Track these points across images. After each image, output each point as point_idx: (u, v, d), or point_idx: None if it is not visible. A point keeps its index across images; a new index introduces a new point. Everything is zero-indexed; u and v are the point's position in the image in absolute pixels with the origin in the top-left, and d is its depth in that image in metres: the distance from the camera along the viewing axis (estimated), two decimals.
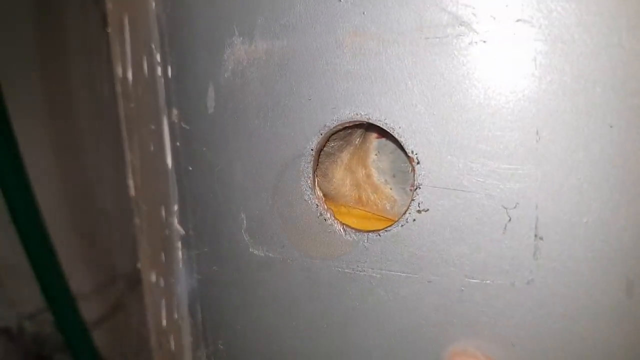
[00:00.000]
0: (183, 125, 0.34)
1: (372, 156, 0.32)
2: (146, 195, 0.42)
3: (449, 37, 0.22)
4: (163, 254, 0.40)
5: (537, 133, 0.22)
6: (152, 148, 0.38)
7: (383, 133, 0.30)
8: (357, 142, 0.30)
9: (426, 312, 0.25)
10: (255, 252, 0.31)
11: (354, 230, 0.26)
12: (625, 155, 0.21)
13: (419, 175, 0.24)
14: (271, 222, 0.29)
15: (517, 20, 0.21)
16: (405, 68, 0.24)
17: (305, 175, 0.27)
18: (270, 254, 0.30)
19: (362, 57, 0.24)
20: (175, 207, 0.37)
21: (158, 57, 0.35)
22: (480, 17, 0.22)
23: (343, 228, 0.27)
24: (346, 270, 0.27)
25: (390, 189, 0.32)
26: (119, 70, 0.42)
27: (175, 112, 0.34)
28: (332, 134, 0.27)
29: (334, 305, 0.28)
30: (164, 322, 0.43)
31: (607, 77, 0.20)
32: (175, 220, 0.37)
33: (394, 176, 0.32)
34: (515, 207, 0.23)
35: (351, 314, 0.28)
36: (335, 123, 0.26)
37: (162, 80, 0.35)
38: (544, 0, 0.21)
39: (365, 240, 0.26)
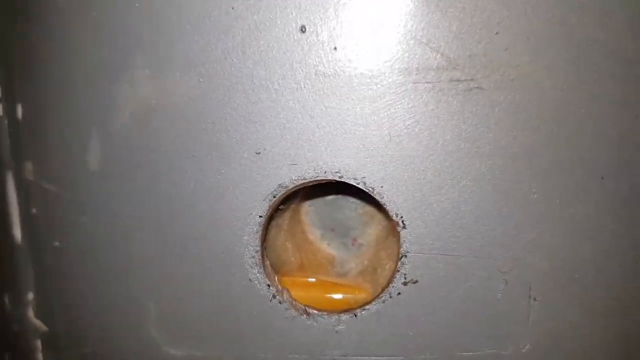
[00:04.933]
0: (44, 186, 0.24)
1: (306, 207, 0.27)
2: None
3: (442, 82, 0.19)
4: (7, 356, 0.29)
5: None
6: None
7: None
8: (297, 200, 0.25)
9: None
10: (172, 351, 0.23)
11: (321, 313, 0.21)
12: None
13: (405, 241, 0.20)
14: (196, 311, 0.22)
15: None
16: (382, 117, 0.19)
17: (251, 248, 0.21)
18: (196, 353, 0.23)
19: (329, 100, 0.19)
20: (30, 296, 0.26)
21: None
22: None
23: (306, 310, 0.21)
24: None
25: (328, 244, 0.27)
26: None
27: (28, 166, 0.24)
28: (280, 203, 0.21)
29: None
30: None
31: None
32: (30, 313, 0.27)
33: (332, 230, 0.27)
34: (510, 271, 0.20)
35: None
36: (295, 183, 0.20)
37: (5, 122, 0.24)
38: None
39: (338, 324, 0.21)
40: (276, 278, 0.22)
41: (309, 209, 0.27)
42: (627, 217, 0.20)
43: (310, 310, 0.21)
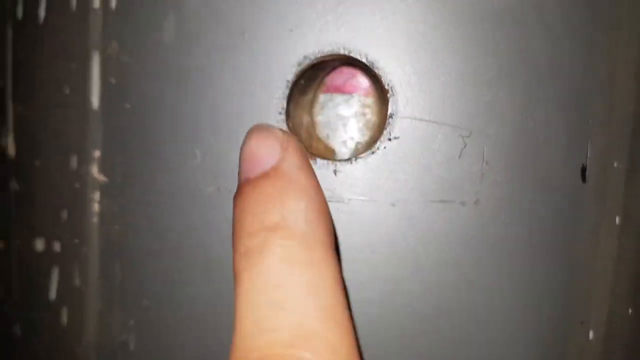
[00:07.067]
0: (123, 59, 0.32)
1: (317, 109, 0.34)
2: (42, 151, 0.38)
3: None
4: (65, 212, 0.36)
5: None
6: (67, 91, 0.35)
7: (336, 82, 0.33)
8: (314, 91, 0.32)
9: (387, 232, 0.28)
10: (208, 188, 0.30)
11: (324, 159, 0.28)
12: None
13: (392, 106, 0.27)
14: (231, 156, 0.30)
15: None
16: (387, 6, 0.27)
17: (279, 106, 0.28)
18: (228, 189, 0.30)
19: None
20: (97, 153, 0.34)
21: None
22: None
23: (314, 157, 0.28)
24: None
25: (331, 142, 0.34)
26: (18, 11, 0.37)
27: (114, 45, 0.32)
28: (304, 72, 0.29)
29: None
30: (53, 295, 0.38)
31: None
32: (94, 169, 0.34)
33: (336, 130, 0.34)
34: (469, 136, 0.27)
35: None
36: (316, 55, 0.28)
37: (100, 12, 0.32)
38: None
39: (335, 168, 0.28)
40: (293, 132, 0.29)
41: (319, 111, 0.34)
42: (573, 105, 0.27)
43: (316, 158, 0.28)
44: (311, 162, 0.28)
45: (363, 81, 0.34)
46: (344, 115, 0.34)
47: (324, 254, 0.19)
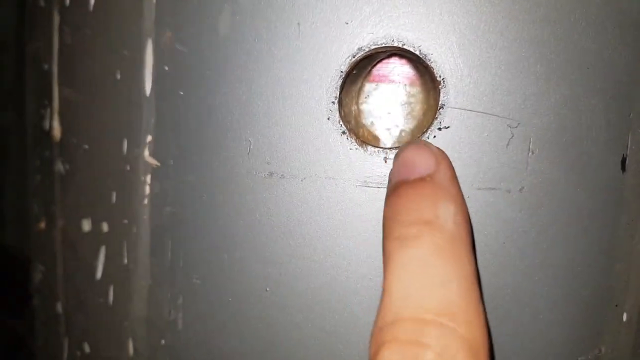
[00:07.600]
0: (178, 47, 0.33)
1: (363, 98, 0.35)
2: (91, 134, 0.39)
3: None
4: (114, 194, 0.38)
5: None
6: (118, 76, 0.36)
7: (381, 73, 0.34)
8: (361, 80, 0.33)
9: None
10: (260, 174, 0.31)
11: (376, 148, 0.30)
12: None
13: (443, 97, 0.29)
14: (284, 143, 0.31)
15: None
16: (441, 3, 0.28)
17: (332, 94, 0.29)
18: (279, 174, 0.31)
19: None
20: (149, 138, 0.35)
21: None
22: None
23: (365, 145, 0.30)
24: (362, 186, 0.30)
25: (376, 129, 0.36)
26: None
27: (168, 33, 0.33)
28: (358, 62, 0.30)
29: (344, 221, 0.30)
30: (99, 274, 0.39)
31: None
32: (146, 152, 0.35)
33: (380, 118, 0.35)
34: (517, 127, 0.29)
35: (364, 226, 0.30)
36: (370, 47, 0.29)
37: (154, 1, 0.33)
38: None
39: (386, 155, 0.29)
40: (346, 120, 0.30)
41: (364, 100, 0.36)
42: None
43: (368, 146, 0.30)
44: (362, 149, 0.30)
45: (408, 71, 0.35)
46: (389, 103, 0.35)
47: (466, 251, 0.22)
